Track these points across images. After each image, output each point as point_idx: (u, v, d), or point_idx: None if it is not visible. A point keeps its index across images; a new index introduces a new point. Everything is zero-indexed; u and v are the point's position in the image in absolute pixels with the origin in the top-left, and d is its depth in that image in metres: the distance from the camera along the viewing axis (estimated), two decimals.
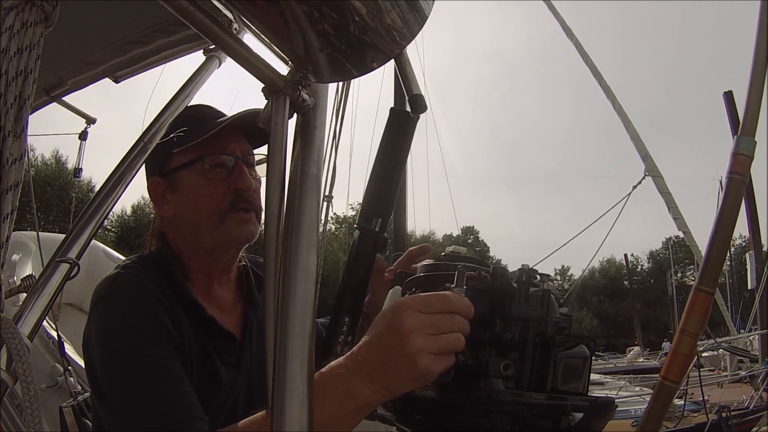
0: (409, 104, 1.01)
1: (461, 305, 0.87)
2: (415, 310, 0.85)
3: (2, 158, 0.64)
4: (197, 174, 1.33)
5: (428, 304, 0.86)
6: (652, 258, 63.55)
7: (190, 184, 1.35)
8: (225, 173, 1.33)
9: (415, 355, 0.82)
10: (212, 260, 1.37)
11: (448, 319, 0.85)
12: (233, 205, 1.33)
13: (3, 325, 0.67)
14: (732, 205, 0.93)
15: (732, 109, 14.33)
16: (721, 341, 9.05)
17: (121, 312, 1.21)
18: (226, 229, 1.32)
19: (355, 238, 1.11)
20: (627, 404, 9.10)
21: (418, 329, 0.83)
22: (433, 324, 0.84)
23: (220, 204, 1.32)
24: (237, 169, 1.34)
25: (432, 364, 0.83)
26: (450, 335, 0.84)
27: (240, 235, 1.34)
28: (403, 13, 0.76)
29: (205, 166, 1.33)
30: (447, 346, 0.84)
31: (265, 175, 0.86)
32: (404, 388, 0.86)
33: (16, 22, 0.66)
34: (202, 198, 1.33)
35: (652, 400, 0.97)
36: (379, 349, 0.85)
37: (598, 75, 9.53)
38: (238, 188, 1.33)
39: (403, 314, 0.85)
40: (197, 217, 1.34)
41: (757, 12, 0.96)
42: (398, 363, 0.83)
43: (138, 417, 1.10)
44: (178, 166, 1.35)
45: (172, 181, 1.37)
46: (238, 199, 1.33)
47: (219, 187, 1.33)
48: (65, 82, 1.95)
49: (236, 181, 1.33)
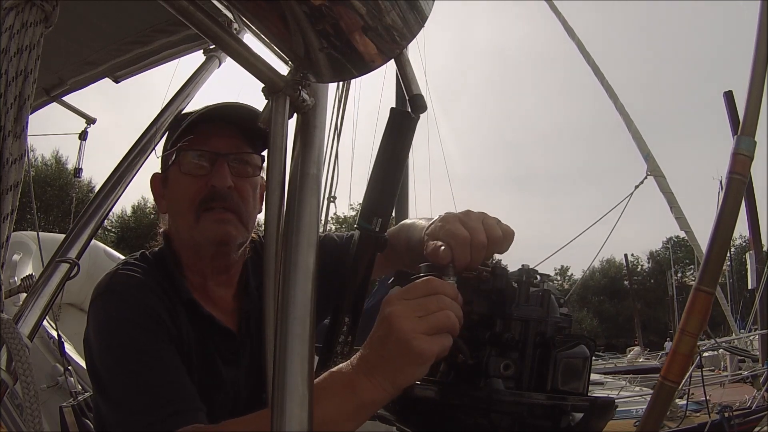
0: (409, 104, 1.01)
1: (444, 286, 0.88)
2: (399, 299, 0.87)
3: (2, 158, 0.64)
4: (177, 169, 1.33)
5: (411, 290, 0.88)
6: (652, 258, 63.56)
7: (173, 180, 1.36)
8: (203, 169, 1.32)
9: (407, 337, 0.83)
10: (199, 259, 1.36)
11: (433, 300, 0.86)
12: (205, 202, 1.30)
13: (3, 325, 0.67)
14: (732, 205, 0.93)
15: (732, 109, 14.32)
16: (722, 341, 9.05)
17: (118, 306, 1.21)
18: (201, 228, 1.30)
19: (355, 238, 1.11)
20: (627, 404, 9.09)
21: (406, 314, 0.84)
22: (419, 306, 0.85)
23: (194, 199, 1.30)
24: (216, 166, 1.31)
25: (425, 344, 0.83)
26: (439, 314, 0.85)
27: (214, 235, 1.31)
28: (403, 13, 0.76)
29: (181, 160, 1.32)
30: (437, 323, 0.84)
31: (265, 176, 0.86)
32: (405, 376, 0.86)
33: (16, 22, 0.66)
34: (179, 192, 1.33)
35: (652, 400, 0.97)
36: (375, 344, 0.87)
37: (600, 74, 9.52)
38: (213, 185, 1.30)
39: (389, 305, 0.86)
40: (178, 213, 1.35)
41: (757, 12, 0.96)
42: (393, 350, 0.84)
43: (136, 409, 1.11)
44: (171, 161, 1.36)
45: (166, 176, 1.39)
46: (212, 196, 1.30)
47: (195, 183, 1.31)
48: (65, 82, 1.95)
49: (212, 177, 1.30)
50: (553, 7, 9.90)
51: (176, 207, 1.36)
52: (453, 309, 0.86)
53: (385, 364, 0.85)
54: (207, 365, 1.30)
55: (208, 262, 1.36)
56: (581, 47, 9.64)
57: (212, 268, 1.37)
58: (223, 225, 1.31)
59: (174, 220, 1.38)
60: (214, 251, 1.35)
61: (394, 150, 1.08)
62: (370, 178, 1.09)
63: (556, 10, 9.86)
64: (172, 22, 1.69)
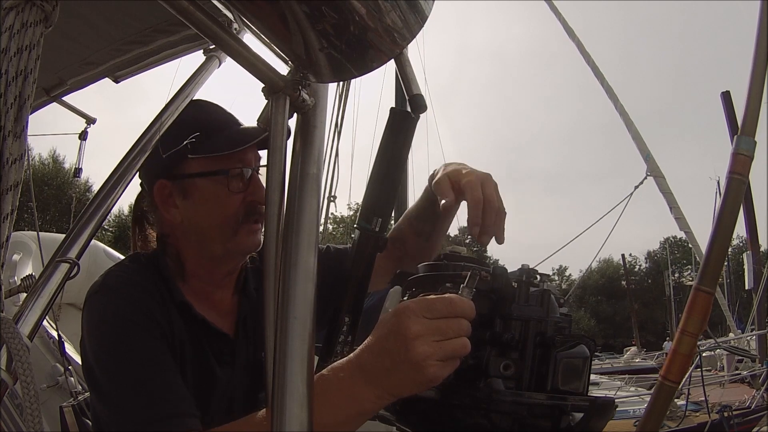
0: (409, 104, 1.01)
1: (466, 308, 0.85)
2: (419, 315, 0.83)
3: (2, 158, 0.64)
4: (217, 184, 1.31)
5: (433, 309, 0.84)
6: (649, 258, 63.56)
7: (207, 194, 1.31)
8: (243, 185, 1.32)
9: (421, 362, 0.81)
10: (216, 267, 1.36)
11: (454, 324, 0.84)
12: (247, 217, 1.32)
13: (3, 325, 0.67)
14: (732, 205, 0.93)
15: (729, 109, 14.34)
16: (722, 341, 9.05)
17: (111, 304, 1.21)
18: (238, 240, 1.32)
19: (355, 238, 1.11)
20: (624, 404, 9.10)
21: (424, 335, 0.82)
22: (438, 330, 0.83)
23: (235, 215, 1.31)
24: (253, 182, 1.33)
25: (438, 371, 0.82)
26: (456, 341, 0.83)
27: (251, 245, 1.34)
28: (403, 14, 0.76)
29: (229, 178, 1.31)
30: (453, 351, 0.83)
31: (266, 176, 0.86)
32: (408, 393, 0.86)
33: (16, 22, 0.66)
34: (219, 208, 1.31)
35: (652, 400, 0.97)
36: (382, 354, 0.85)
37: (600, 75, 9.52)
38: (253, 200, 1.32)
39: (407, 320, 0.83)
40: (210, 226, 1.32)
41: (757, 12, 0.96)
42: (402, 369, 0.83)
43: (130, 408, 1.11)
44: (196, 173, 1.32)
45: (184, 186, 1.33)
46: (252, 210, 1.32)
47: (236, 199, 1.31)
48: (65, 82, 1.94)
49: (252, 193, 1.32)
50: (552, 7, 9.90)
51: (208, 221, 1.32)
52: (468, 334, 0.85)
53: (389, 377, 0.84)
54: (201, 366, 1.30)
55: (224, 270, 1.37)
56: (581, 48, 9.64)
57: (226, 273, 1.39)
58: (256, 236, 1.34)
59: (196, 232, 1.34)
60: (239, 259, 1.38)
61: (394, 150, 1.08)
62: (370, 178, 1.09)
63: (556, 11, 9.87)
64: (172, 22, 1.69)
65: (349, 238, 17.42)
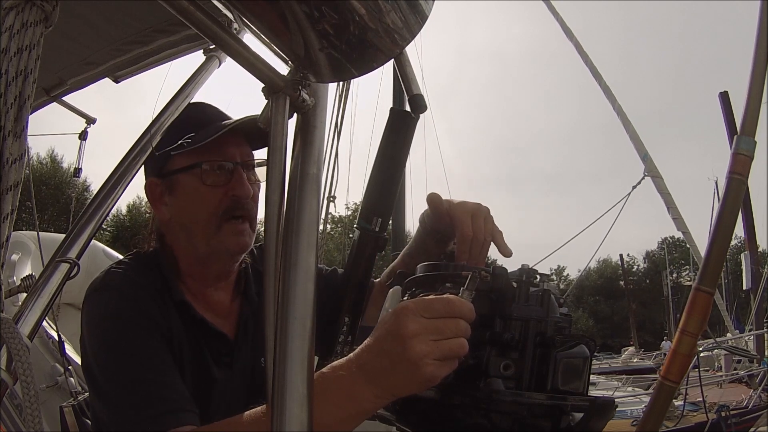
0: (409, 104, 1.01)
1: (465, 309, 0.86)
2: (417, 315, 0.84)
3: (2, 158, 0.64)
4: (195, 179, 1.31)
5: (431, 309, 0.85)
6: (648, 258, 63.62)
7: (187, 189, 1.32)
8: (224, 179, 1.31)
9: (418, 361, 0.81)
10: (204, 267, 1.36)
11: (451, 324, 0.84)
12: (228, 212, 1.30)
13: (3, 325, 0.67)
14: (732, 205, 0.93)
15: (728, 109, 14.37)
16: (721, 341, 9.07)
17: (110, 302, 1.22)
18: (221, 238, 1.30)
19: (355, 238, 1.11)
20: (622, 404, 9.11)
21: (421, 335, 0.82)
22: (436, 329, 0.83)
23: (216, 210, 1.30)
24: (236, 176, 1.32)
25: (436, 370, 0.82)
26: (453, 340, 0.83)
27: (235, 246, 1.32)
28: (403, 14, 0.76)
29: (203, 171, 1.30)
30: (451, 351, 0.83)
31: (265, 176, 0.86)
32: (407, 392, 0.86)
33: (16, 22, 0.66)
34: (198, 203, 1.31)
35: (652, 400, 0.97)
36: (381, 354, 0.85)
37: (598, 75, 9.54)
38: (235, 195, 1.30)
39: (405, 319, 0.84)
40: (193, 222, 1.32)
41: (757, 12, 0.96)
42: (401, 368, 0.83)
43: (128, 406, 1.11)
44: (177, 169, 1.33)
45: (170, 183, 1.34)
46: (234, 206, 1.31)
47: (216, 193, 1.30)
48: (65, 82, 1.94)
49: (234, 187, 1.31)
50: (551, 7, 9.91)
51: (191, 217, 1.33)
52: (466, 334, 0.85)
53: (388, 377, 0.84)
54: (199, 366, 1.30)
55: (213, 270, 1.37)
56: (579, 48, 9.66)
57: (216, 275, 1.38)
58: (242, 237, 1.32)
59: (183, 229, 1.34)
60: (226, 260, 1.36)
61: (394, 150, 1.08)
62: (369, 178, 1.09)
63: (554, 11, 9.88)
64: (172, 22, 1.69)
65: (347, 238, 17.41)
